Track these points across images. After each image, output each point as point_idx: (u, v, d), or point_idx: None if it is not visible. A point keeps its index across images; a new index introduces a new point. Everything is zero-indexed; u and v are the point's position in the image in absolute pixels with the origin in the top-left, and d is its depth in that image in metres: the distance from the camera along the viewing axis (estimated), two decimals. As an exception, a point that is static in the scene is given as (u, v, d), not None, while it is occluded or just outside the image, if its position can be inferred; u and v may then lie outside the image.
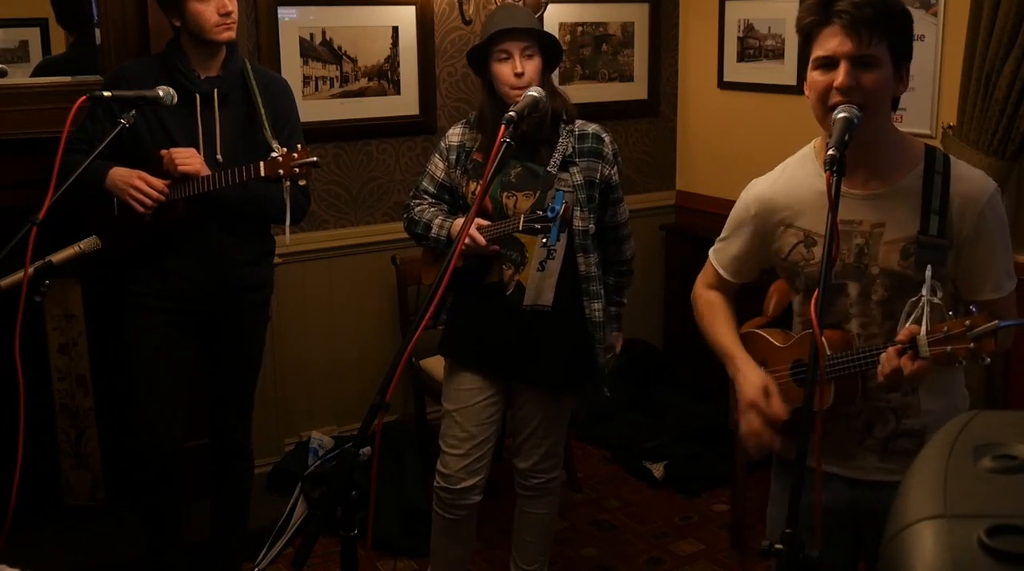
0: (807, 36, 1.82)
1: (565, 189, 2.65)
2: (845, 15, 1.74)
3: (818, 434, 1.55)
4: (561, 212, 2.46)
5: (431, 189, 2.83)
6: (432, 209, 2.80)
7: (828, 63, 1.77)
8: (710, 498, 3.83)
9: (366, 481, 1.63)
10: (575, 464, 3.97)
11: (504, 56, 2.63)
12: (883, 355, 1.74)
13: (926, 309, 1.69)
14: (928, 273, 1.72)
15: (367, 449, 1.63)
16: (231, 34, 2.71)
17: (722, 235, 2.16)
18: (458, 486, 2.83)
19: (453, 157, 2.79)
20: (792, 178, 1.98)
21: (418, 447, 3.82)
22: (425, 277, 2.99)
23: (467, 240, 2.56)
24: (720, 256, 2.16)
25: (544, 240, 2.52)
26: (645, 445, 4.07)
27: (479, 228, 2.62)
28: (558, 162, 2.68)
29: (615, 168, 2.77)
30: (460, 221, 2.70)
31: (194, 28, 2.68)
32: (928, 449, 0.77)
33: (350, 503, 1.64)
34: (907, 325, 1.72)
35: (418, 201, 2.83)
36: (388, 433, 3.72)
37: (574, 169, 2.69)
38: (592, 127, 2.76)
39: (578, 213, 2.69)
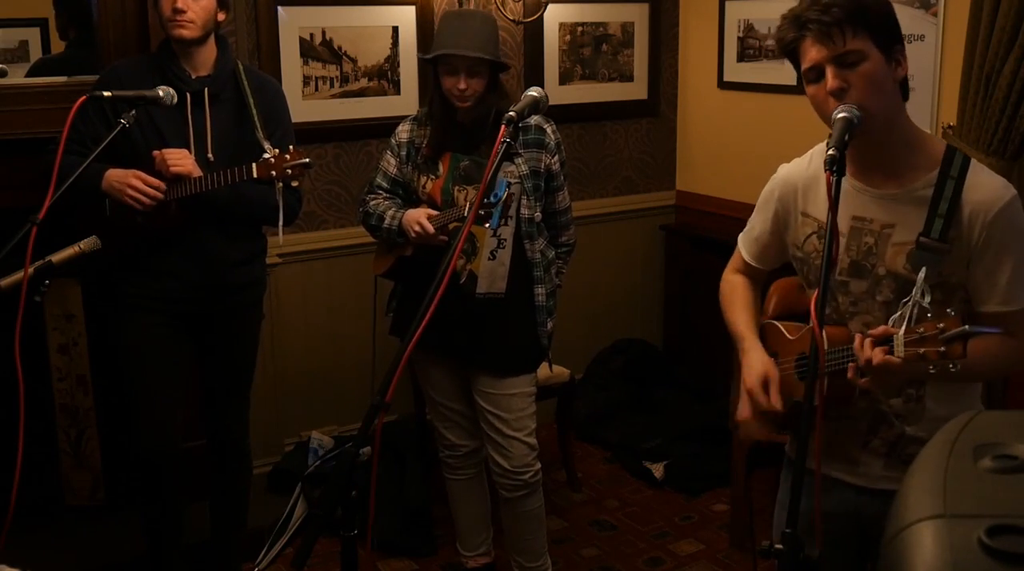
0: (791, 55, 1.83)
1: (511, 180, 2.75)
2: (814, 24, 1.74)
3: (819, 431, 1.54)
4: (504, 198, 2.56)
5: (384, 184, 2.94)
6: (386, 202, 2.91)
7: (816, 73, 1.78)
8: (710, 498, 3.83)
9: (366, 481, 1.62)
10: (575, 464, 3.97)
11: (451, 69, 2.73)
12: (856, 344, 1.71)
13: (912, 311, 1.67)
14: (921, 275, 1.70)
15: (367, 449, 1.63)
16: (183, 31, 2.68)
17: (751, 218, 2.15)
18: (462, 451, 3.09)
19: (404, 153, 2.90)
20: (814, 167, 1.96)
21: (418, 447, 3.82)
22: (376, 268, 3.10)
23: (417, 228, 2.73)
24: (745, 238, 2.16)
25: (487, 225, 2.64)
26: (645, 445, 4.07)
27: (429, 218, 2.74)
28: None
29: (556, 157, 2.87)
30: (411, 212, 2.81)
31: (161, 23, 2.71)
32: (928, 449, 0.77)
33: (350, 503, 1.64)
34: (888, 325, 1.70)
35: (372, 196, 2.95)
36: (388, 433, 3.72)
37: (519, 160, 2.79)
38: (534, 119, 2.80)
39: (524, 201, 2.81)
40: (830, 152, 1.64)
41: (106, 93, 2.50)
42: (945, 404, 1.88)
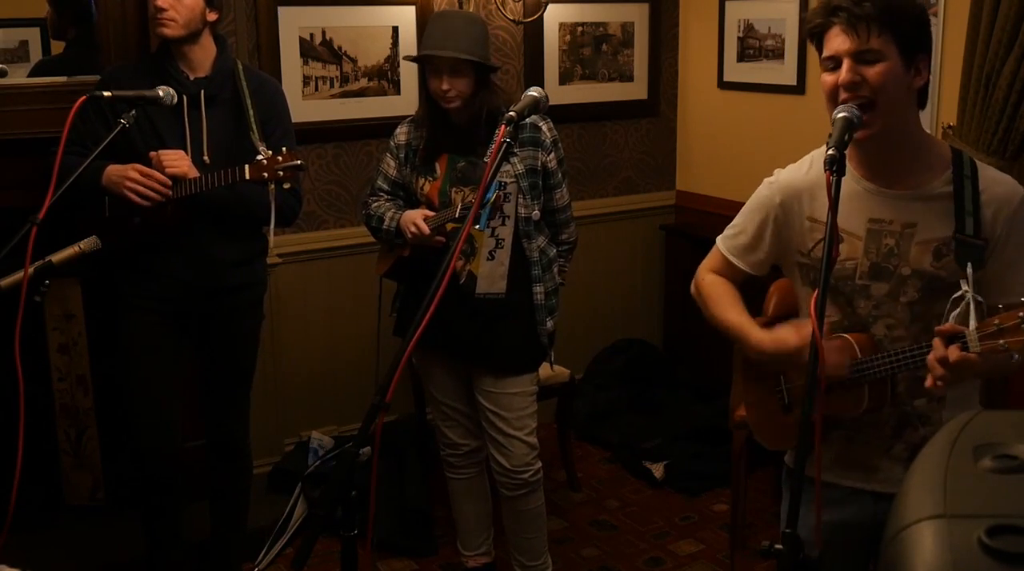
0: (817, 40, 1.83)
1: (506, 179, 2.77)
2: (843, 13, 1.75)
3: (818, 433, 1.54)
4: (492, 199, 2.55)
5: (385, 186, 2.97)
6: (387, 204, 2.93)
7: (834, 62, 1.78)
8: (710, 498, 3.83)
9: (366, 481, 1.62)
10: (575, 464, 3.97)
11: (434, 70, 2.75)
12: (934, 345, 1.68)
13: (972, 305, 1.65)
14: (969, 270, 1.70)
15: (367, 449, 1.63)
16: (165, 30, 2.69)
17: (734, 222, 2.10)
18: (463, 451, 3.10)
19: (402, 155, 2.93)
20: (816, 172, 1.94)
21: (418, 447, 3.82)
22: (378, 268, 3.13)
23: (413, 229, 2.76)
24: (731, 243, 2.11)
25: (476, 226, 2.60)
26: (645, 445, 4.07)
27: (424, 218, 2.77)
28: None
29: (552, 154, 2.87)
30: (408, 213, 2.84)
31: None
32: (928, 449, 0.77)
33: (350, 503, 1.64)
34: (950, 322, 1.68)
35: (374, 198, 2.98)
36: (388, 433, 3.72)
37: (515, 159, 2.79)
38: (529, 118, 2.78)
39: (521, 200, 2.81)
40: (830, 152, 1.64)
41: (106, 93, 2.51)
42: (957, 406, 1.88)
